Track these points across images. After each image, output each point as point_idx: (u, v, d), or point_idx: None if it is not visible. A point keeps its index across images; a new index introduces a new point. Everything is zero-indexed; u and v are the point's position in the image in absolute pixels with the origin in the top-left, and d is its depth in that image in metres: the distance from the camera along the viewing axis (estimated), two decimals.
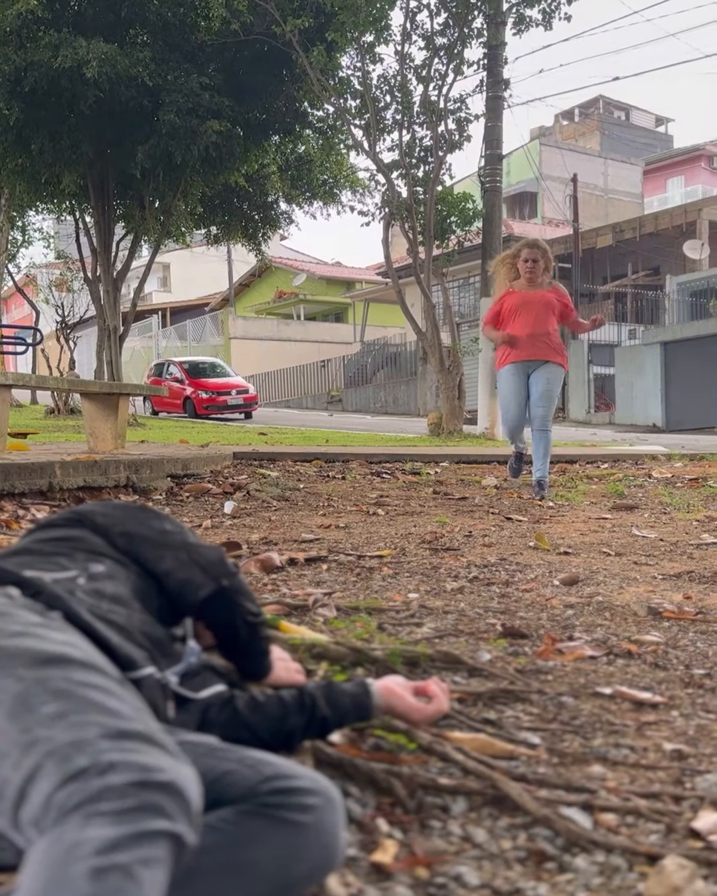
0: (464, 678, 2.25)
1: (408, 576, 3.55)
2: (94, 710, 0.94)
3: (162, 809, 0.84)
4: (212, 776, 1.11)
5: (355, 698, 1.59)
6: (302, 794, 1.08)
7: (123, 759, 0.87)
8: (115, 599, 1.37)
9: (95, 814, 0.82)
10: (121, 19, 13.45)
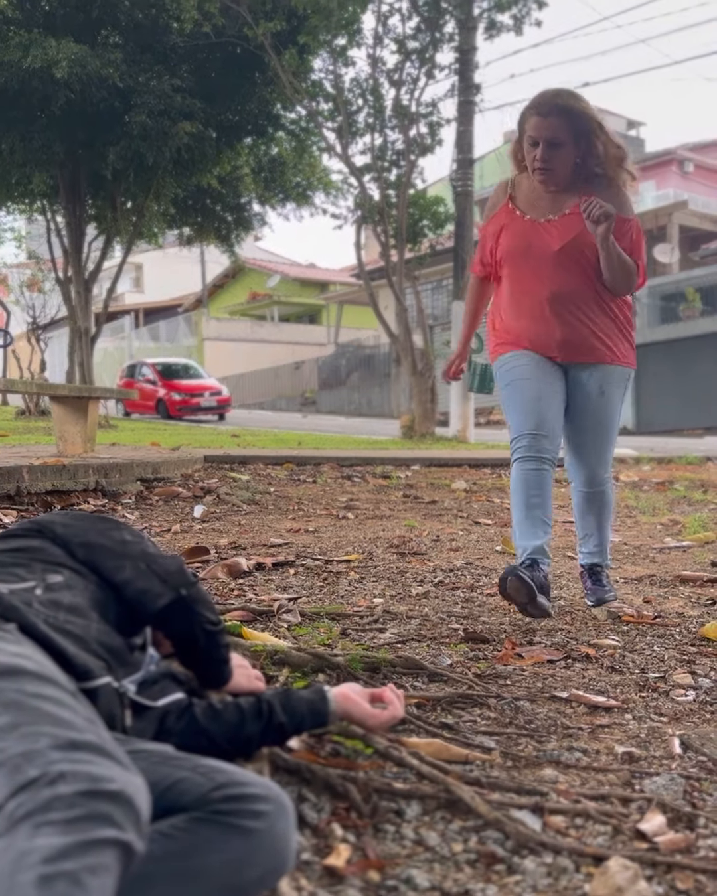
0: (424, 683, 2.28)
1: (374, 580, 3.59)
2: (46, 722, 0.96)
3: (110, 818, 0.87)
4: (165, 784, 1.14)
5: (312, 704, 1.63)
6: (254, 801, 1.11)
7: (72, 769, 0.89)
8: (72, 610, 1.39)
9: (44, 823, 0.84)
10: (92, 20, 13.41)
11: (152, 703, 1.52)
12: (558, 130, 2.82)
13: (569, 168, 2.92)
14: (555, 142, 2.83)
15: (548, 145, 2.83)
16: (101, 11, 13.38)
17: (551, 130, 2.82)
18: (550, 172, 2.89)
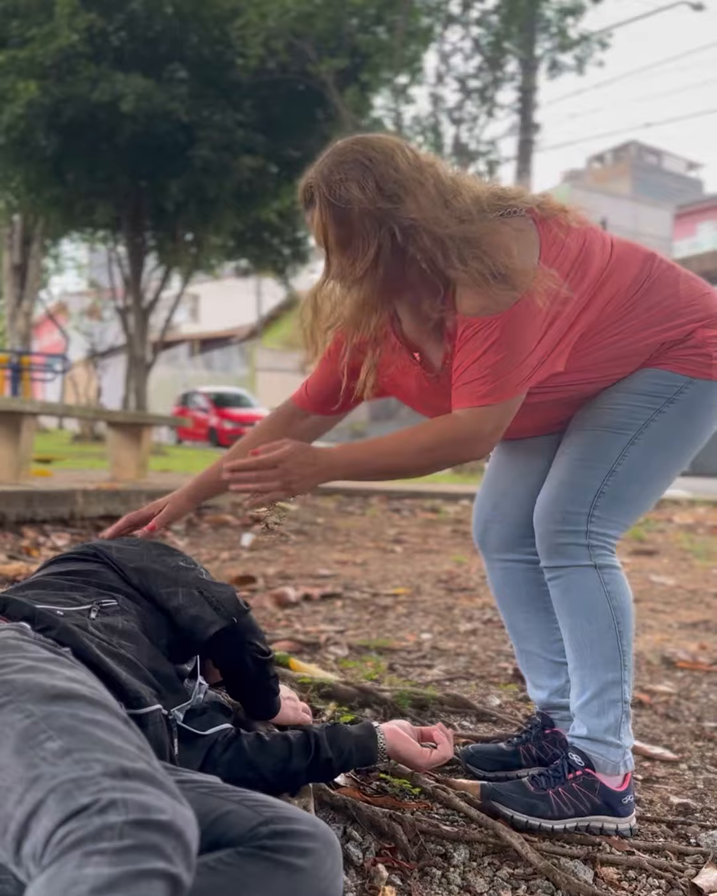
0: (472, 723, 2.24)
1: (422, 615, 3.55)
2: (98, 748, 0.95)
3: (160, 850, 0.85)
4: (213, 816, 1.12)
5: (361, 741, 1.59)
6: (301, 838, 1.08)
7: (123, 797, 0.87)
8: (125, 634, 1.38)
9: (94, 852, 0.83)
10: (159, 55, 13.74)
11: (201, 732, 1.50)
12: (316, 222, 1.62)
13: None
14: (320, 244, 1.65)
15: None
16: (168, 47, 13.70)
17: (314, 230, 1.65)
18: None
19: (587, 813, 1.65)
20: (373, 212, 1.54)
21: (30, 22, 12.76)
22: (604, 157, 44.14)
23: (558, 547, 1.72)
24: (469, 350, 1.57)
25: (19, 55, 12.34)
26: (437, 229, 1.53)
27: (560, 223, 1.61)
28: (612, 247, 1.70)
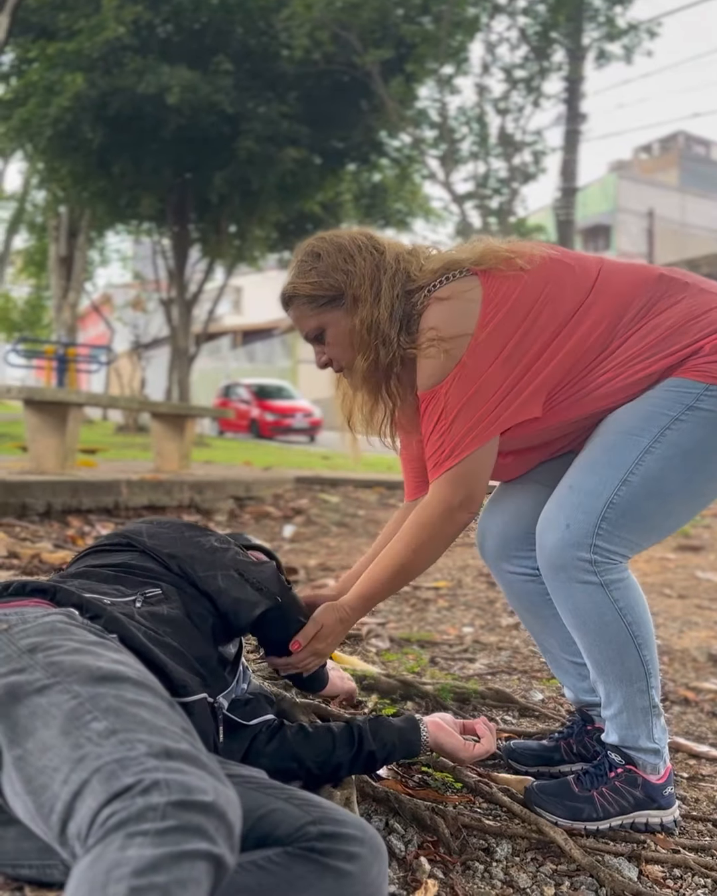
0: (515, 717, 2.23)
1: (463, 609, 3.53)
2: (143, 729, 0.95)
3: (203, 830, 0.85)
4: (260, 812, 1.11)
5: (404, 734, 1.59)
6: (349, 842, 1.07)
7: (166, 777, 0.88)
8: (170, 623, 1.37)
9: (137, 833, 0.83)
10: (205, 47, 13.79)
11: (245, 722, 1.50)
12: (301, 321, 1.75)
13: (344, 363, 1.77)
14: (310, 337, 1.78)
15: (312, 342, 1.79)
16: (214, 39, 13.74)
17: (298, 324, 1.76)
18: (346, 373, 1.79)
19: (631, 809, 1.63)
20: (333, 294, 1.68)
21: (77, 14, 12.87)
22: (651, 148, 43.55)
23: (560, 560, 1.60)
24: (426, 423, 1.63)
25: (67, 48, 12.45)
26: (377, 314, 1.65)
27: (508, 273, 1.62)
28: (597, 276, 1.65)
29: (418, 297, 1.65)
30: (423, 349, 1.60)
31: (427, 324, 1.61)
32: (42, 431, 5.32)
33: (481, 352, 1.57)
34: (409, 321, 1.65)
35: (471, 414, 1.57)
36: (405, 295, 1.65)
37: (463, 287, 1.61)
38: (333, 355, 1.74)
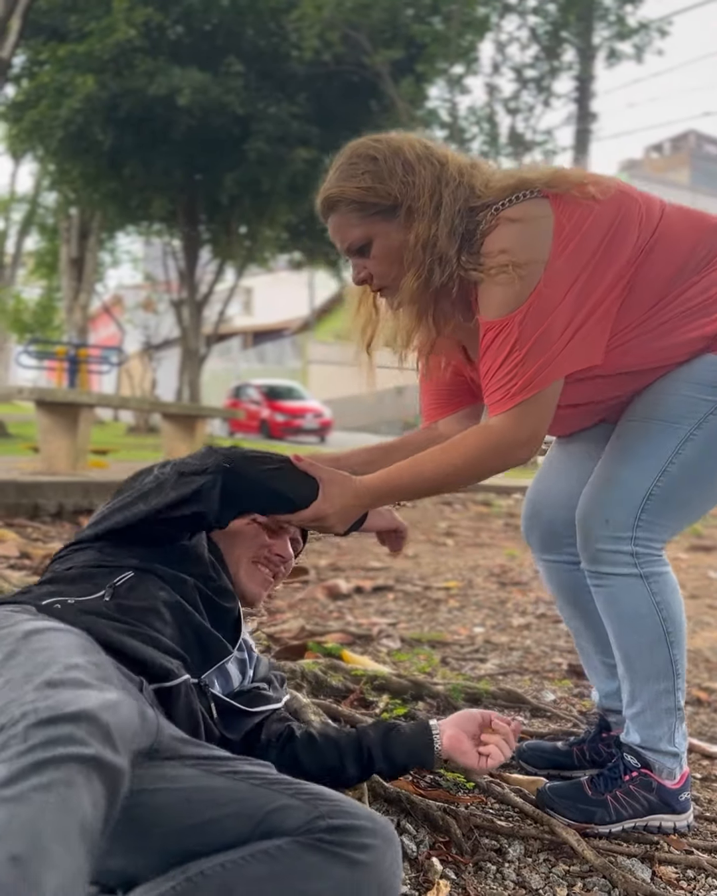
0: (526, 718, 2.22)
1: (474, 609, 3.53)
2: (49, 667, 0.98)
3: (70, 737, 0.86)
4: (267, 809, 1.10)
5: (415, 753, 1.51)
6: (360, 834, 1.06)
7: (35, 706, 0.90)
8: (142, 609, 1.34)
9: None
10: (215, 48, 13.81)
11: (247, 708, 1.49)
12: (345, 230, 1.58)
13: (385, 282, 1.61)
14: (353, 248, 1.59)
15: (353, 255, 1.61)
16: (224, 40, 13.76)
17: (340, 235, 1.59)
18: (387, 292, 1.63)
19: (644, 812, 1.60)
20: (388, 204, 1.51)
21: (88, 16, 12.91)
22: (662, 147, 43.45)
23: (601, 554, 1.58)
24: (493, 354, 1.49)
25: (78, 50, 12.49)
26: (436, 230, 1.50)
27: (581, 200, 1.46)
28: (660, 217, 1.53)
29: (482, 215, 1.49)
30: (493, 274, 1.45)
31: (496, 245, 1.46)
32: (54, 432, 5.34)
33: (556, 281, 1.43)
34: (470, 240, 1.50)
35: (545, 347, 1.45)
36: (468, 211, 1.50)
37: (535, 210, 1.46)
38: (375, 271, 1.58)
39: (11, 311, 21.36)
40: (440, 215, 1.49)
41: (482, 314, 1.50)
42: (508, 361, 1.46)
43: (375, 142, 1.55)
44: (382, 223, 1.53)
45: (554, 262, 1.43)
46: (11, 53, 11.15)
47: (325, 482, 1.48)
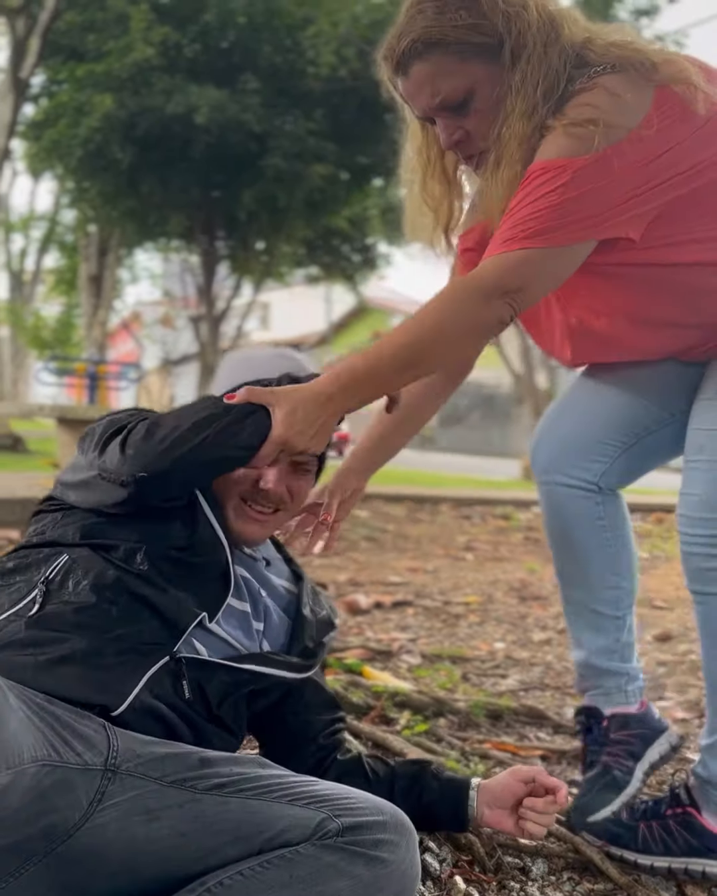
0: (548, 734, 2.21)
1: (495, 624, 3.51)
2: None
3: None
4: (272, 828, 1.05)
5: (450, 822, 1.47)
6: (372, 829, 1.05)
7: None
8: (70, 617, 1.19)
9: None
10: (232, 66, 13.90)
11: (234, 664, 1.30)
12: (441, 81, 1.35)
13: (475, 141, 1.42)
14: (450, 103, 1.36)
15: (447, 112, 1.38)
16: (241, 57, 13.85)
17: (431, 87, 1.35)
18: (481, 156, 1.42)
19: (679, 853, 1.47)
20: (493, 42, 1.32)
21: (106, 36, 13.04)
22: None
23: (707, 572, 1.39)
24: (527, 192, 1.28)
25: (96, 69, 12.62)
26: (545, 70, 1.32)
27: (687, 103, 1.30)
28: None
29: (580, 73, 1.33)
30: (569, 126, 1.28)
31: (585, 101, 1.29)
32: (73, 448, 5.37)
33: (633, 149, 1.27)
34: (560, 97, 1.32)
35: (589, 203, 1.27)
36: (573, 62, 1.33)
37: (636, 85, 1.30)
38: (476, 129, 1.37)
39: (31, 328, 21.53)
40: (549, 52, 1.32)
41: (540, 156, 1.30)
42: (541, 200, 1.26)
43: None
44: (483, 68, 1.33)
45: (640, 133, 1.27)
46: (30, 73, 11.32)
47: (275, 404, 1.21)
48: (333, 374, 1.24)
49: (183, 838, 1.04)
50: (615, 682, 1.65)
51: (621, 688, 1.65)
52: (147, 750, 1.10)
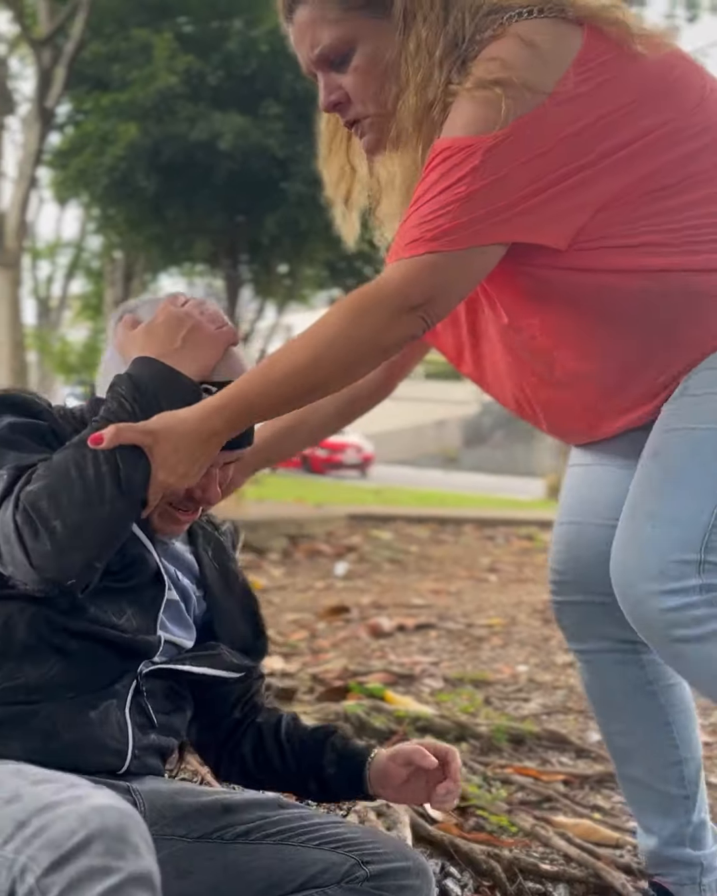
0: (571, 759, 2.21)
1: (518, 646, 3.52)
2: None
3: (90, 872, 0.75)
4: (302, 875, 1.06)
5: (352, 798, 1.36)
6: (397, 876, 1.08)
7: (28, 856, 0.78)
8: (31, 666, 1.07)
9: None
10: (254, 92, 14.09)
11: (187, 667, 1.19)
12: (320, 29, 1.18)
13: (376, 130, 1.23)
14: (329, 56, 1.20)
15: (326, 67, 1.21)
16: (263, 84, 14.04)
17: (311, 36, 1.19)
18: (366, 126, 1.24)
19: None
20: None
21: (130, 65, 13.26)
22: None
23: (663, 619, 1.12)
24: (432, 180, 1.09)
25: (120, 98, 12.83)
26: (442, 35, 1.13)
27: (619, 44, 1.11)
28: (703, 96, 1.15)
29: (490, 20, 1.12)
30: (473, 88, 1.08)
31: (493, 54, 1.09)
32: None
33: (551, 120, 1.07)
34: (466, 51, 1.12)
35: (503, 193, 1.07)
36: (482, 17, 1.13)
37: (557, 32, 1.10)
38: (354, 91, 1.19)
39: (58, 354, 21.76)
40: (450, 15, 1.13)
41: (444, 132, 1.11)
42: (447, 193, 1.07)
43: None
44: (370, 22, 1.15)
45: (557, 97, 1.07)
46: (56, 103, 11.53)
47: (153, 445, 1.04)
48: (219, 404, 1.05)
49: (216, 892, 1.05)
50: (687, 872, 1.40)
51: (694, 879, 1.39)
52: (170, 804, 1.08)
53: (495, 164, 1.06)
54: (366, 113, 1.20)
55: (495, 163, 1.06)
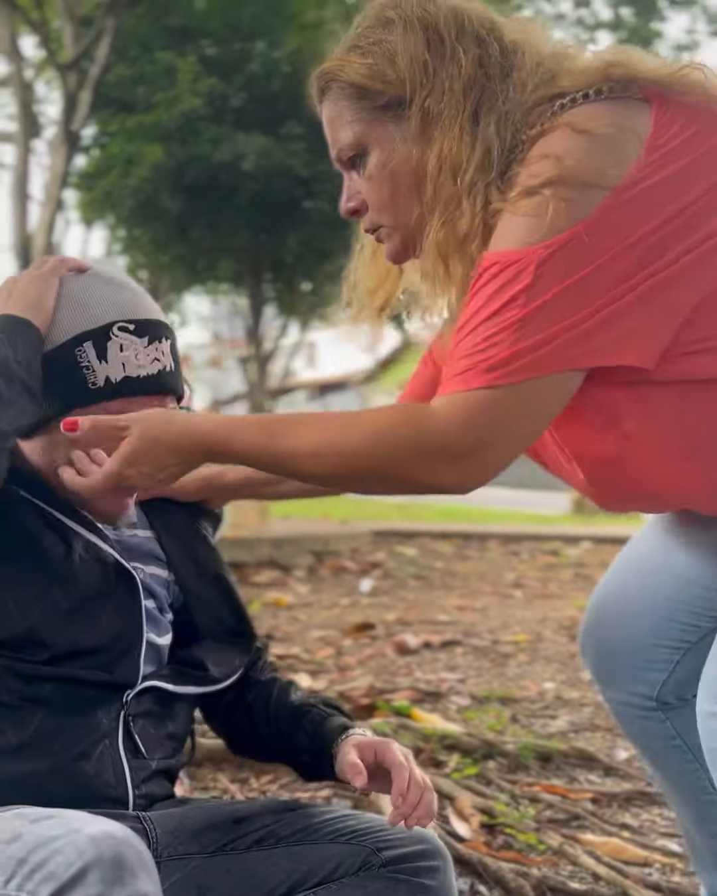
0: (599, 777, 2.20)
1: (544, 663, 3.51)
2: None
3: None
4: (319, 871, 1.07)
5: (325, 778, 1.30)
6: (414, 858, 1.08)
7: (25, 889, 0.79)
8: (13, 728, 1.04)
9: None
10: (277, 113, 14.21)
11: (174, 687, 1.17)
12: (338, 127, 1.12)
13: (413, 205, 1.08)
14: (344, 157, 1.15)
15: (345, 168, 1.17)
16: (286, 105, 14.17)
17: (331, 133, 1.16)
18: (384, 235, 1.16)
19: None
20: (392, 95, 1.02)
21: (154, 88, 13.42)
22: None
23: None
24: (480, 301, 0.92)
25: (145, 120, 12.99)
26: (471, 149, 0.97)
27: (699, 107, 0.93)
28: None
29: (537, 113, 0.96)
30: (517, 199, 0.92)
31: (541, 151, 0.93)
32: None
33: (616, 221, 0.90)
34: (509, 160, 0.96)
35: (568, 312, 0.89)
36: (524, 110, 0.96)
37: (619, 113, 0.93)
38: (369, 198, 1.09)
39: None
40: (481, 120, 0.96)
41: (489, 247, 0.95)
42: (499, 316, 0.91)
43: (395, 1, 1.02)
44: (383, 125, 1.03)
45: (624, 192, 0.90)
46: (82, 126, 11.68)
47: (130, 436, 0.98)
48: (210, 436, 0.99)
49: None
50: None
51: None
52: (181, 825, 1.09)
53: (549, 280, 0.89)
54: (380, 223, 1.10)
55: (549, 278, 0.89)
